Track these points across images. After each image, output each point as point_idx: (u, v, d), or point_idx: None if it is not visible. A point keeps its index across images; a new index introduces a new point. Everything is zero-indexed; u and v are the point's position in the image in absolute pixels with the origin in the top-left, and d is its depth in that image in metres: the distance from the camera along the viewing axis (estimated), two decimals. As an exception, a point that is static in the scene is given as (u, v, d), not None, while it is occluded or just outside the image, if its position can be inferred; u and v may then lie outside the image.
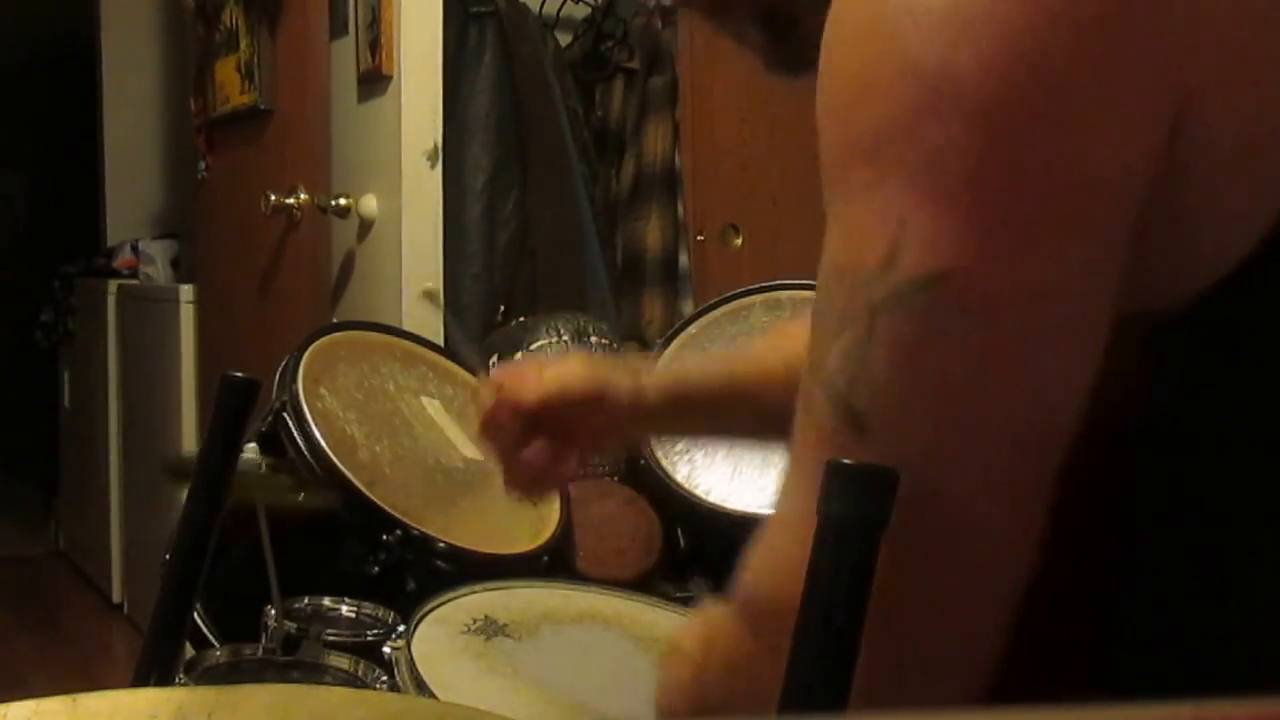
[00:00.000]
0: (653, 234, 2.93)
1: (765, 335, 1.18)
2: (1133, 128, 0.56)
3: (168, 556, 0.70)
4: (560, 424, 1.09)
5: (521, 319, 2.54)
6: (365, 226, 2.68)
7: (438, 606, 1.09)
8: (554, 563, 1.47)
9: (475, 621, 1.08)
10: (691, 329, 1.78)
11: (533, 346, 2.35)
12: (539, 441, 1.10)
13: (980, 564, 0.58)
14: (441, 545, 1.35)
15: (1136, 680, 0.62)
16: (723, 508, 1.56)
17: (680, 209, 2.94)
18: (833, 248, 0.60)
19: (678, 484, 1.65)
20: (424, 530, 1.35)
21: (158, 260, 3.94)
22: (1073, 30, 0.55)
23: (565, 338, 2.35)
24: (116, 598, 3.97)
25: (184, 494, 0.69)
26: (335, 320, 2.31)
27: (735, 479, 1.65)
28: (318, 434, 1.38)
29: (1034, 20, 0.55)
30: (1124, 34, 0.56)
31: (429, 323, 2.56)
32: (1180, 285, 0.59)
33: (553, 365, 1.11)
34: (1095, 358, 0.57)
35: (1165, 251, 0.58)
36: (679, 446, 1.70)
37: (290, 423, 1.39)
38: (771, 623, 0.56)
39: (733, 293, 1.80)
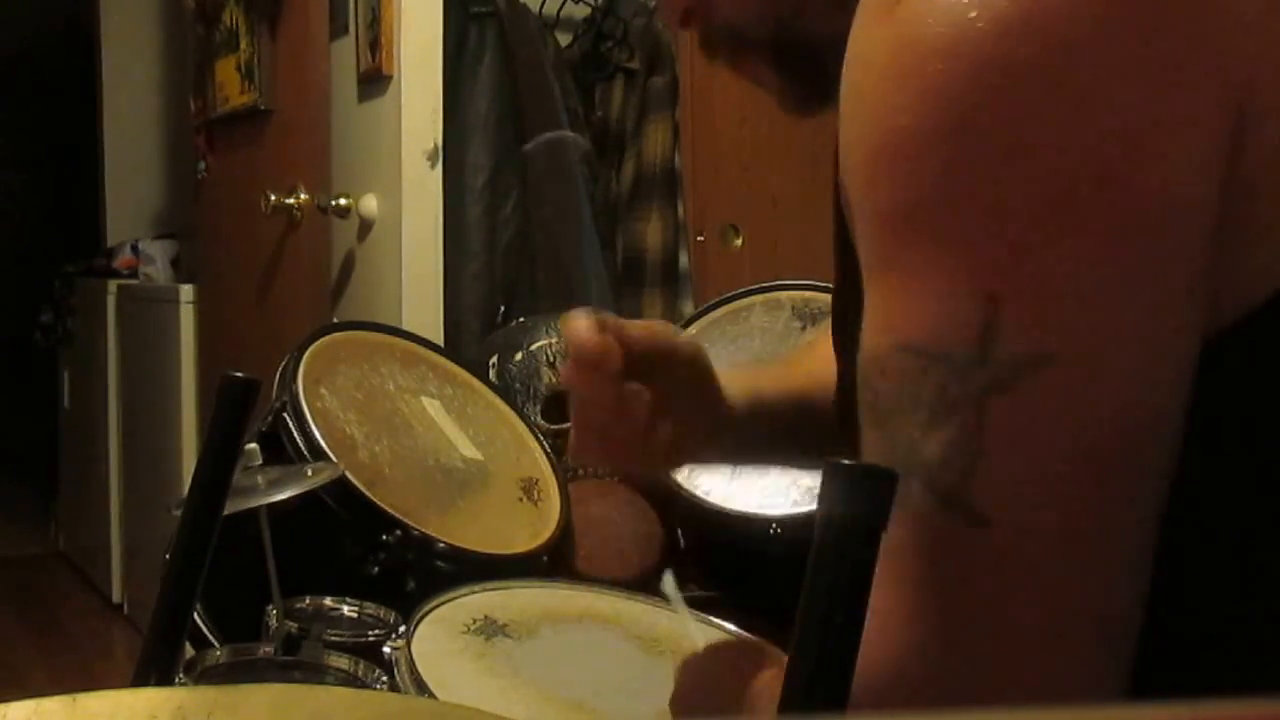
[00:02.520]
0: (653, 234, 2.93)
1: (807, 350, 1.04)
2: (1199, 146, 0.53)
3: (168, 556, 0.70)
4: (656, 390, 0.87)
5: (521, 319, 2.54)
6: (365, 226, 2.68)
7: (438, 606, 1.09)
8: (554, 563, 1.46)
9: (475, 621, 1.08)
10: (692, 329, 1.78)
11: (533, 347, 2.35)
12: (638, 390, 0.85)
13: (1114, 622, 0.57)
14: (441, 545, 1.35)
15: (1136, 681, 0.62)
16: (723, 508, 1.56)
17: (680, 209, 2.94)
18: (904, 325, 0.56)
19: (678, 484, 1.65)
20: (424, 530, 1.35)
21: (158, 260, 3.94)
22: (1119, 57, 0.52)
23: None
24: (116, 598, 3.97)
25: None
26: (335, 320, 2.31)
27: (735, 479, 1.65)
28: (318, 434, 1.37)
29: (1075, 55, 0.52)
30: (1177, 56, 0.53)
31: (429, 323, 2.56)
32: (1240, 299, 0.57)
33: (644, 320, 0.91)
34: (1189, 380, 0.55)
35: (1231, 266, 0.55)
36: (679, 446, 1.69)
37: (290, 423, 1.39)
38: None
39: (733, 293, 1.80)
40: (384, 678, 0.99)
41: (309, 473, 1.09)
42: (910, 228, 0.55)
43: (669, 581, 0.94)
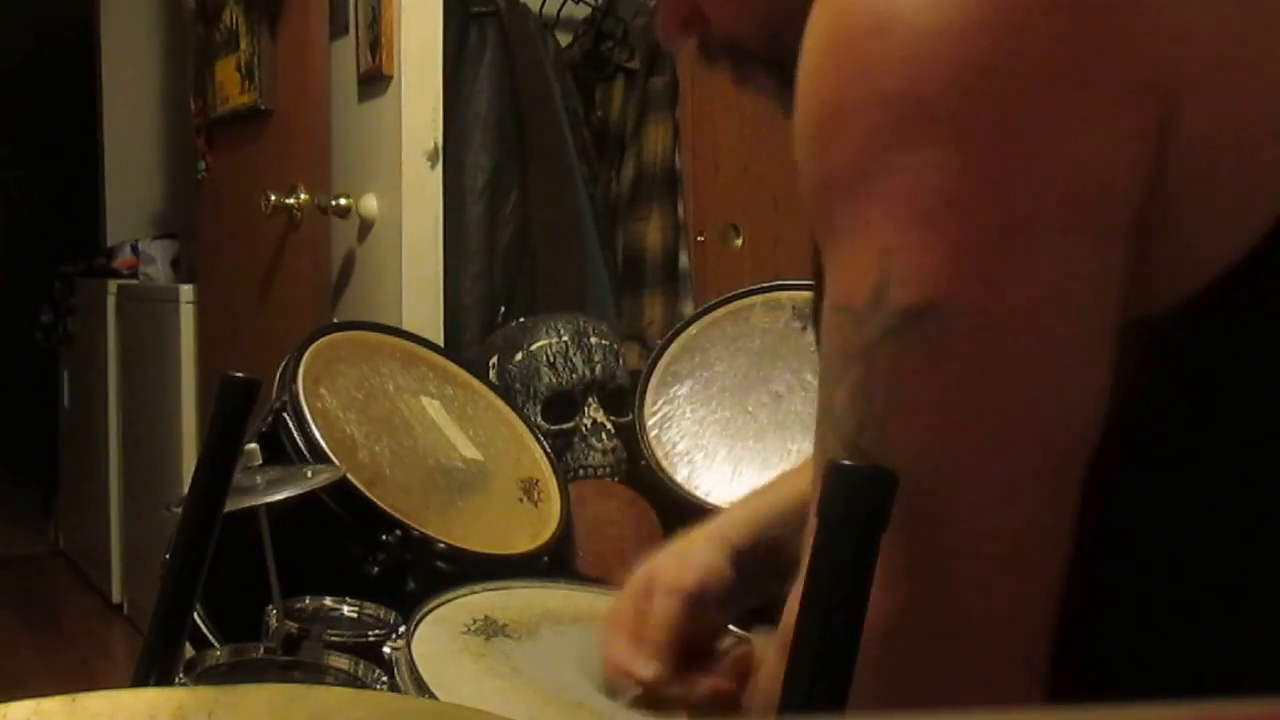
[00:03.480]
0: (653, 234, 2.93)
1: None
2: (1114, 132, 0.55)
3: (168, 556, 0.70)
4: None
5: (521, 319, 2.54)
6: (365, 226, 2.69)
7: (438, 606, 1.09)
8: (554, 563, 1.47)
9: (475, 621, 1.08)
10: (692, 329, 1.78)
11: (533, 346, 2.35)
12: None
13: (1011, 585, 0.58)
14: (441, 545, 1.35)
15: (1134, 681, 0.62)
16: (723, 508, 1.56)
17: (680, 209, 2.94)
18: (830, 288, 0.59)
19: (678, 485, 1.65)
20: (424, 530, 1.35)
21: (158, 260, 3.94)
22: (1044, 42, 0.54)
23: (565, 338, 2.35)
24: (116, 598, 3.97)
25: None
26: (335, 320, 2.31)
27: (735, 479, 1.66)
28: (318, 434, 1.38)
29: (1002, 35, 0.54)
30: (1097, 42, 0.55)
31: (429, 323, 2.56)
32: (1178, 285, 0.58)
33: (691, 559, 0.91)
34: (1105, 363, 0.57)
35: (1163, 253, 0.57)
36: (679, 447, 1.70)
37: (290, 423, 1.39)
38: None
39: (733, 293, 1.80)
40: (384, 678, 0.99)
41: (309, 474, 1.09)
42: (832, 194, 0.58)
43: None
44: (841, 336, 0.58)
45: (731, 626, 0.99)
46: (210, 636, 1.28)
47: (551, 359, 2.33)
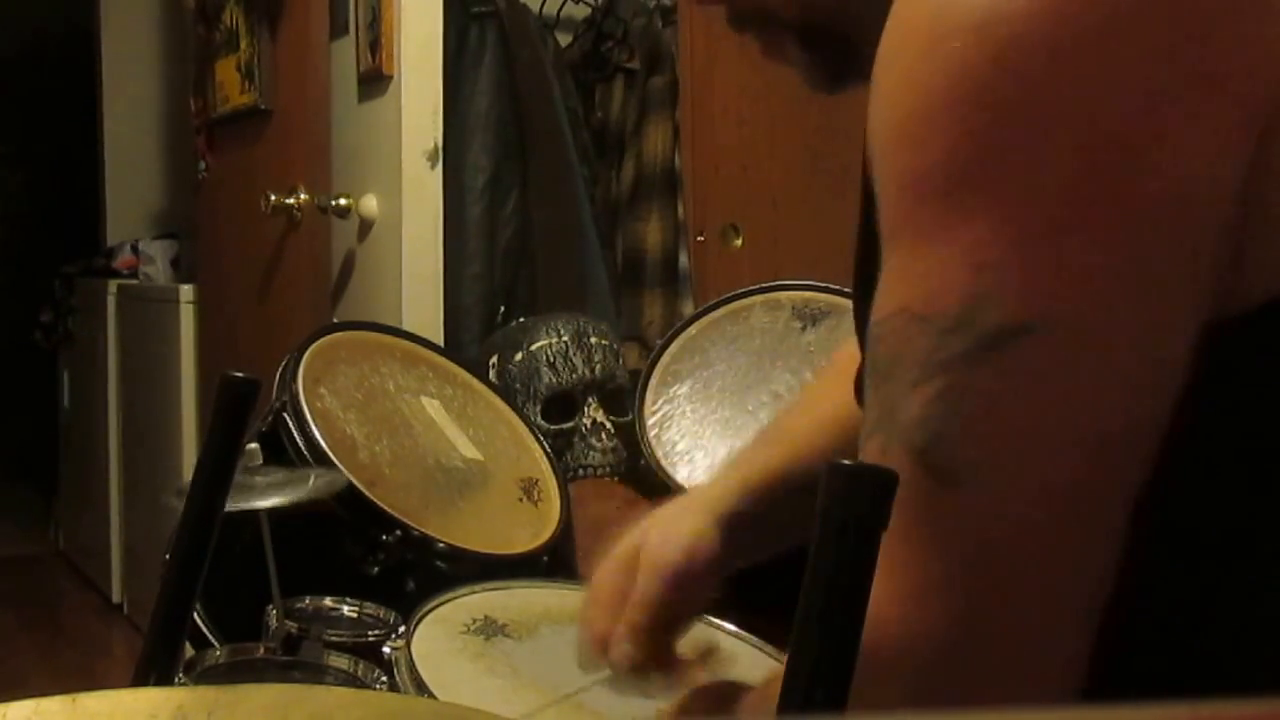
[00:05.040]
0: (653, 234, 2.93)
1: (798, 406, 1.01)
2: (1224, 139, 0.54)
3: (168, 556, 0.70)
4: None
5: (521, 319, 2.54)
6: (365, 226, 2.68)
7: (438, 606, 1.09)
8: (554, 563, 1.47)
9: (475, 621, 1.08)
10: (692, 329, 1.78)
11: (533, 346, 2.35)
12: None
13: (1069, 608, 0.58)
14: (441, 545, 1.35)
15: (1135, 680, 0.62)
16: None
17: (680, 209, 2.94)
18: (904, 289, 0.57)
19: (678, 485, 1.65)
20: (424, 530, 1.35)
21: (158, 260, 3.94)
22: (1152, 46, 0.53)
23: (565, 338, 2.35)
24: (116, 598, 3.97)
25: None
26: (335, 320, 2.31)
27: (735, 479, 1.65)
28: (318, 434, 1.38)
29: (1108, 40, 0.52)
30: (1204, 52, 0.53)
31: (429, 323, 2.56)
32: (1257, 288, 0.57)
33: (678, 534, 0.89)
34: (1183, 368, 0.55)
35: (1248, 255, 0.56)
36: (679, 447, 1.70)
37: (290, 423, 1.39)
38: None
39: (733, 293, 1.80)
40: (384, 678, 0.99)
41: (311, 479, 1.09)
42: (922, 196, 0.56)
43: None
44: (920, 345, 0.56)
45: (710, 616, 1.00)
46: (210, 636, 1.28)
47: (551, 359, 2.33)
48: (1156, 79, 0.53)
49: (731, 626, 1.07)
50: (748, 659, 1.00)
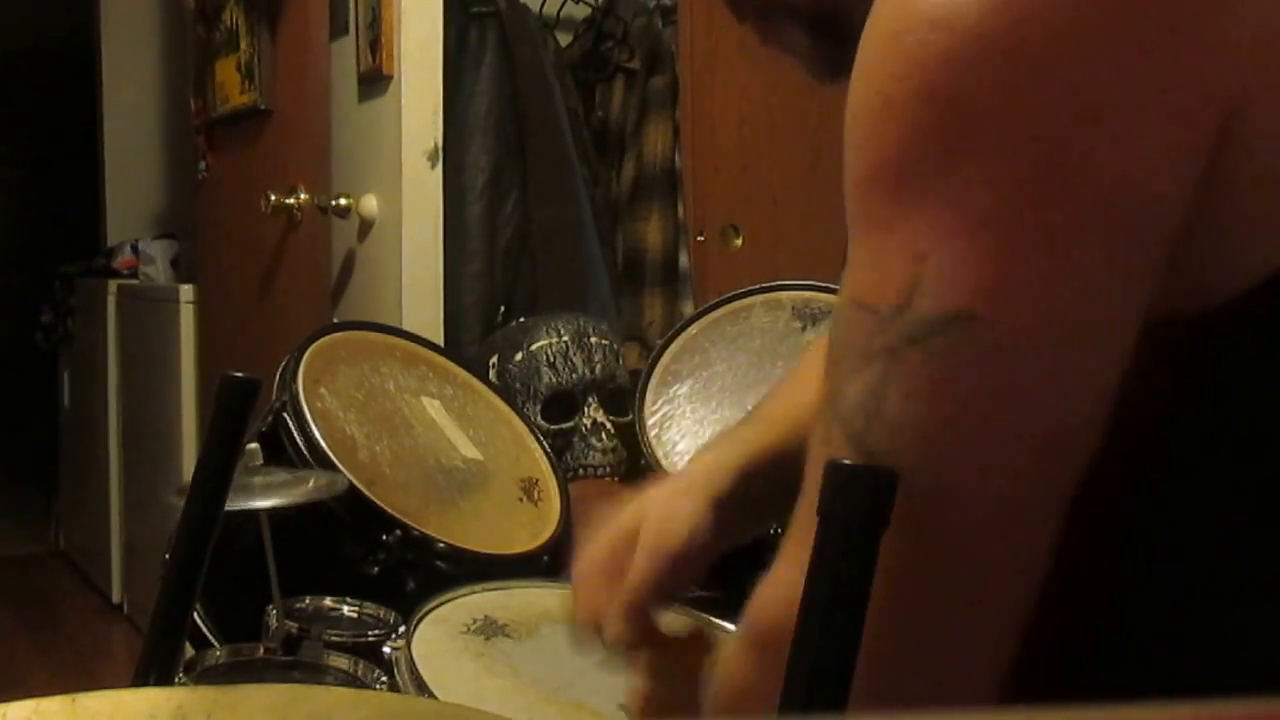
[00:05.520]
0: (653, 234, 2.93)
1: (786, 386, 1.01)
2: (1175, 143, 0.54)
3: (168, 556, 0.70)
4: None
5: (521, 319, 2.54)
6: (365, 226, 2.68)
7: (438, 606, 1.09)
8: (554, 563, 1.47)
9: (475, 621, 1.08)
10: (692, 329, 1.78)
11: (533, 346, 2.35)
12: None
13: (996, 584, 0.58)
14: (441, 545, 1.35)
15: (1135, 680, 0.62)
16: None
17: (680, 209, 2.94)
18: (853, 279, 0.58)
19: (678, 484, 1.65)
20: (424, 530, 1.35)
21: (158, 260, 3.94)
22: (1106, 50, 0.53)
23: (565, 338, 2.35)
24: (116, 598, 3.97)
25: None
26: (335, 320, 2.31)
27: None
28: (318, 434, 1.38)
29: (1062, 42, 0.53)
30: (1163, 50, 0.54)
31: (429, 323, 2.56)
32: (1219, 286, 0.57)
33: (677, 515, 0.89)
34: (1120, 366, 0.56)
35: (1205, 255, 0.56)
36: (679, 447, 1.70)
37: (290, 423, 1.39)
38: (777, 652, 0.55)
39: (733, 293, 1.80)
40: (384, 678, 0.99)
41: (310, 482, 1.09)
42: (870, 188, 0.57)
43: None
44: (860, 333, 0.57)
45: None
46: (210, 636, 1.28)
47: (551, 359, 2.33)
48: (1105, 81, 0.54)
49: (733, 627, 1.07)
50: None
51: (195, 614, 1.18)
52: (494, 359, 2.35)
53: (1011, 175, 0.54)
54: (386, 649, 1.03)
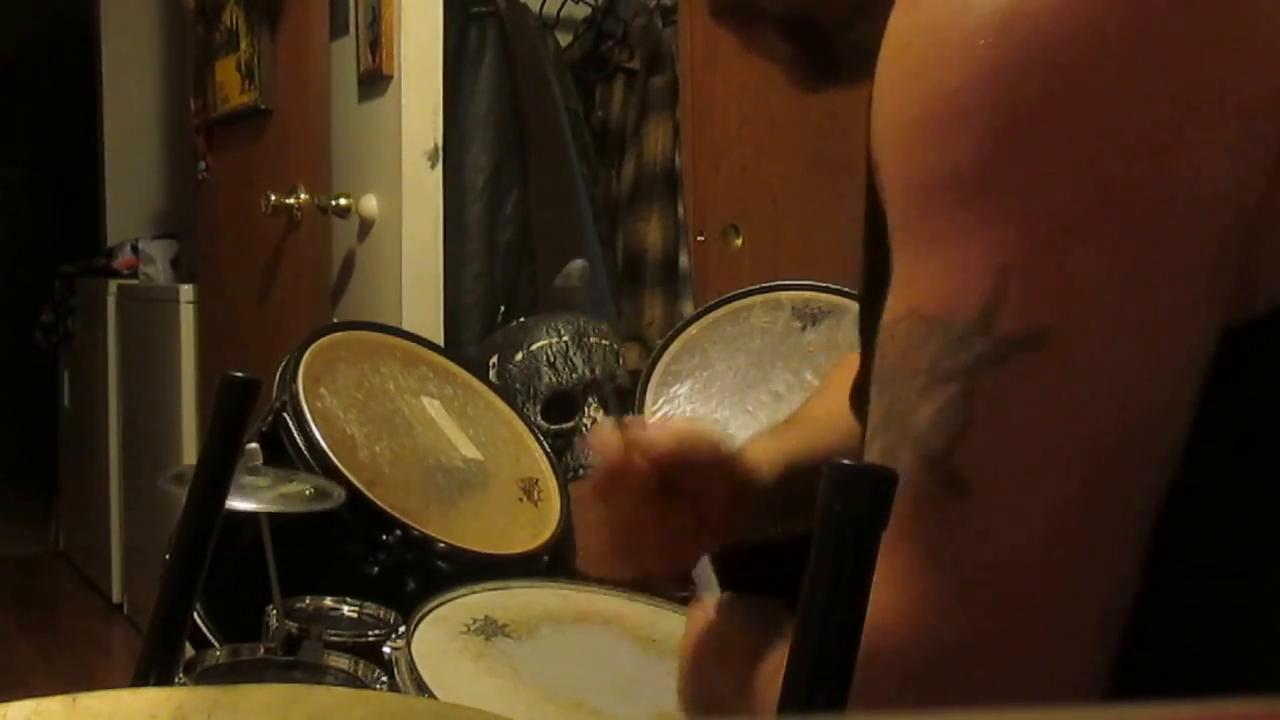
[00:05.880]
0: (653, 234, 2.93)
1: (828, 388, 1.00)
2: (1240, 147, 0.53)
3: (168, 556, 0.70)
4: (686, 490, 0.85)
5: (521, 319, 2.54)
6: (365, 226, 2.68)
7: (438, 606, 1.09)
8: (554, 563, 1.47)
9: (475, 621, 1.08)
10: (692, 329, 1.78)
11: (533, 346, 2.35)
12: (674, 505, 0.85)
13: (1085, 608, 0.57)
14: (441, 545, 1.35)
15: (1136, 680, 0.62)
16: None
17: (680, 209, 2.94)
18: (914, 292, 0.56)
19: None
20: (424, 530, 1.35)
21: (158, 260, 3.94)
22: (1180, 51, 0.52)
23: (565, 338, 2.35)
24: (116, 598, 3.97)
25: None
26: (335, 320, 2.31)
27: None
28: (318, 434, 1.38)
29: (1132, 45, 0.52)
30: (1224, 54, 0.53)
31: (429, 323, 2.56)
32: (1265, 295, 0.56)
33: (671, 420, 0.92)
34: (1200, 376, 0.55)
35: (1260, 263, 0.55)
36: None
37: (290, 423, 1.39)
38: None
39: (733, 293, 1.80)
40: (384, 678, 0.99)
41: (308, 491, 1.09)
42: (938, 196, 0.55)
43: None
44: (932, 348, 0.55)
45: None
46: (210, 636, 1.28)
47: (551, 359, 2.33)
48: (1179, 85, 0.53)
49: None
50: None
51: (195, 614, 1.18)
52: (494, 359, 2.35)
53: (1089, 186, 0.53)
54: (386, 649, 1.03)
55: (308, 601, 1.14)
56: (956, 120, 0.54)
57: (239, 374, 0.63)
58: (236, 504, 0.98)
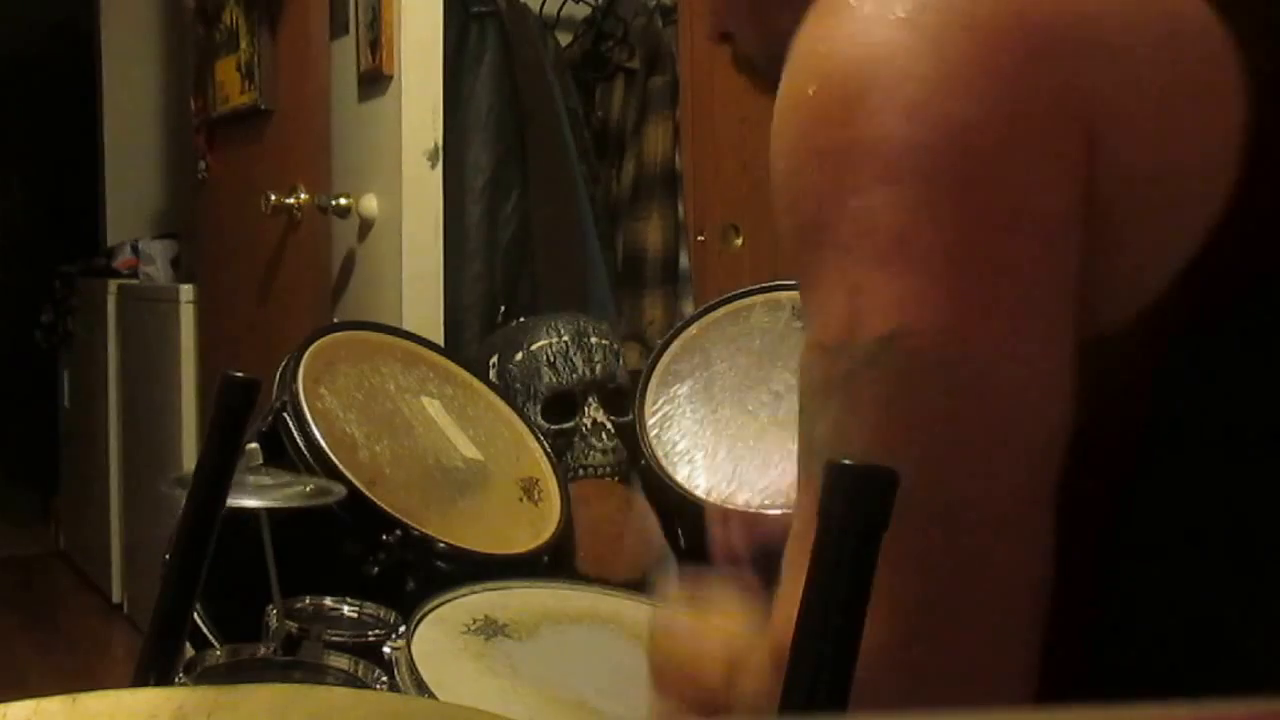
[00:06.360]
0: (653, 234, 2.93)
1: None
2: (1049, 159, 0.58)
3: (168, 556, 0.70)
4: None
5: (521, 319, 2.54)
6: (365, 226, 2.68)
7: (438, 606, 1.09)
8: (554, 563, 1.47)
9: (475, 621, 1.08)
10: (692, 329, 1.78)
11: (533, 346, 2.35)
12: None
13: (996, 592, 0.59)
14: (441, 545, 1.35)
15: (1133, 680, 0.62)
16: (723, 508, 1.56)
17: (680, 209, 2.94)
18: (808, 330, 0.63)
19: (678, 484, 1.65)
20: (424, 530, 1.35)
21: (158, 260, 3.94)
22: (982, 83, 0.58)
23: (565, 338, 2.35)
24: (116, 598, 3.97)
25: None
26: (335, 320, 2.31)
27: (735, 479, 1.65)
28: (318, 434, 1.38)
29: (944, 81, 0.58)
30: (1033, 80, 0.59)
31: (429, 323, 2.56)
32: (1126, 304, 0.61)
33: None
34: (1067, 367, 0.59)
35: (1105, 276, 0.60)
36: (679, 446, 1.70)
37: (290, 423, 1.39)
38: None
39: (733, 293, 1.80)
40: (384, 678, 0.99)
41: (307, 489, 1.09)
42: (802, 243, 0.63)
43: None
44: (819, 371, 0.61)
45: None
46: (210, 636, 1.28)
47: (551, 359, 2.33)
48: (981, 116, 0.59)
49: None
50: None
51: (195, 614, 1.18)
52: (494, 359, 2.35)
53: (914, 201, 0.59)
54: (386, 649, 1.03)
55: (308, 601, 1.14)
56: (798, 172, 0.63)
57: (239, 374, 0.63)
58: (236, 501, 0.98)
